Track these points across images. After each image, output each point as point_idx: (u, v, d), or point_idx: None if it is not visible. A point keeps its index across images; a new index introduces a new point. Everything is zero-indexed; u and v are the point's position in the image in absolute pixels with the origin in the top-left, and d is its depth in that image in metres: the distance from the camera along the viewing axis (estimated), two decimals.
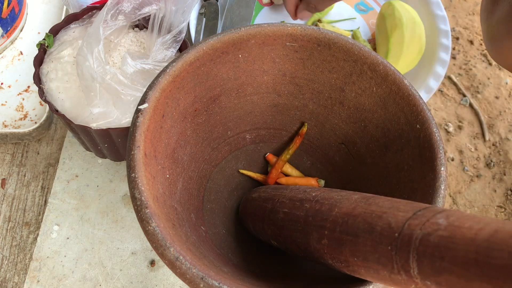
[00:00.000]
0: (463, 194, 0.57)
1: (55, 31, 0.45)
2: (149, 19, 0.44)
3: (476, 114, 0.62)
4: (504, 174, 0.58)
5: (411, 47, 0.55)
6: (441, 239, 0.20)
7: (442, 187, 0.32)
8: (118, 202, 0.50)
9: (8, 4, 0.53)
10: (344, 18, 0.63)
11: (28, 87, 0.54)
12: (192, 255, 0.28)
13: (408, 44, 0.55)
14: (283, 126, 0.44)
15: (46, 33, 0.44)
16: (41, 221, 0.48)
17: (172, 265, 0.27)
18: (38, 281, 0.45)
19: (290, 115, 0.43)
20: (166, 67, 0.33)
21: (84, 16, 0.47)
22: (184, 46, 0.45)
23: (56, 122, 0.55)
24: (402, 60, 0.55)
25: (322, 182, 0.44)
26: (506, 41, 0.38)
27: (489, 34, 0.41)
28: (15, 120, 0.52)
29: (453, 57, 0.67)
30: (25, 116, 0.52)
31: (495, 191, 0.57)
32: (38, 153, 0.53)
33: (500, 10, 0.39)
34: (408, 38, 0.55)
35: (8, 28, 0.55)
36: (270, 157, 0.45)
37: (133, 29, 0.47)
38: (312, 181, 0.43)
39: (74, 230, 0.48)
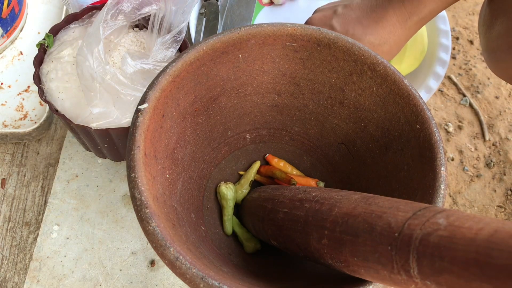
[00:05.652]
0: (463, 194, 0.57)
1: (55, 31, 0.45)
2: (149, 19, 0.44)
3: (476, 114, 0.62)
4: (504, 174, 0.58)
5: (413, 48, 0.55)
6: (441, 239, 0.20)
7: (442, 187, 0.32)
8: (118, 202, 0.50)
9: (8, 4, 0.53)
10: None
11: (28, 87, 0.54)
12: (192, 255, 0.28)
13: (411, 45, 0.55)
14: (283, 126, 0.44)
15: (46, 33, 0.44)
16: (41, 221, 0.48)
17: (172, 265, 0.27)
18: (38, 281, 0.45)
19: (290, 115, 0.43)
20: (166, 67, 0.33)
21: (84, 16, 0.47)
22: (184, 46, 0.45)
23: (56, 122, 0.55)
24: (405, 61, 0.55)
25: (322, 184, 0.43)
26: (506, 55, 0.38)
27: (488, 47, 0.41)
28: (15, 120, 0.52)
29: (453, 57, 0.67)
30: (25, 116, 0.52)
31: (495, 191, 0.57)
32: (38, 153, 0.53)
33: (499, 24, 0.38)
34: (411, 39, 0.55)
35: (8, 28, 0.55)
36: (270, 157, 0.45)
37: (133, 29, 0.47)
38: (311, 182, 0.43)
39: (74, 230, 0.48)
